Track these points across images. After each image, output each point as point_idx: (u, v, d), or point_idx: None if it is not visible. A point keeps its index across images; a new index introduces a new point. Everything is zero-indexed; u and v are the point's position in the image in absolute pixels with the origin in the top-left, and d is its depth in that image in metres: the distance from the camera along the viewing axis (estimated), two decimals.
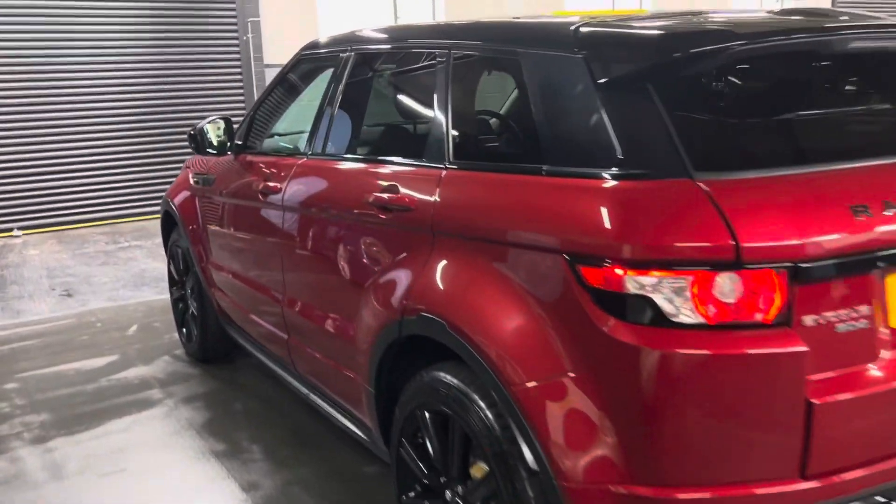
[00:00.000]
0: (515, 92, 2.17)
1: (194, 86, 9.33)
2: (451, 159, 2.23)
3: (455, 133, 2.25)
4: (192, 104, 9.33)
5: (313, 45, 3.31)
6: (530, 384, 1.81)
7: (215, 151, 3.66)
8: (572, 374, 1.76)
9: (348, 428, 2.80)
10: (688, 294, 1.63)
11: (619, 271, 1.66)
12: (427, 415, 2.19)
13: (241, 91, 9.65)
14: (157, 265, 6.89)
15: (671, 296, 1.63)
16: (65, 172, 8.79)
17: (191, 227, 4.12)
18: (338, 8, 10.29)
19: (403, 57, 2.72)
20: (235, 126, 3.71)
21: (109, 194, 9.03)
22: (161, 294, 5.94)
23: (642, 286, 1.65)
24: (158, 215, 9.54)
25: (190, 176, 4.23)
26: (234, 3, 9.45)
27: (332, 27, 10.18)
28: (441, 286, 2.11)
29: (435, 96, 2.35)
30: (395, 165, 2.48)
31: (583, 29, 1.97)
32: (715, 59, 1.81)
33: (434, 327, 2.07)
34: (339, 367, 2.73)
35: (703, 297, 1.62)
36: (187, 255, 4.26)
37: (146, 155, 9.17)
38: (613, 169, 1.76)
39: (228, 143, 3.61)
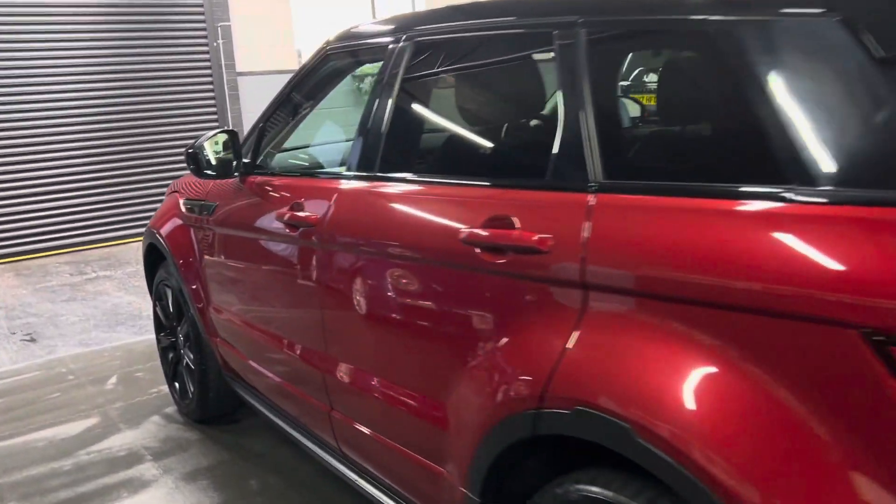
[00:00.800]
0: (707, 79, 1.52)
1: (161, 97, 8.54)
2: (601, 178, 1.56)
3: (604, 141, 1.58)
4: (159, 117, 8.54)
5: (346, 37, 2.62)
6: None
7: (214, 173, 2.94)
8: None
9: None
10: None
11: None
12: None
13: (213, 102, 8.89)
14: (132, 298, 6.13)
15: None
16: (21, 196, 7.93)
17: (185, 264, 3.39)
18: (313, 11, 9.58)
19: (493, 42, 2.04)
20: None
21: (72, 219, 8.19)
22: (140, 335, 5.19)
23: None
24: (126, 240, 8.81)
25: (180, 203, 3.51)
26: (202, 6, 8.68)
27: (308, 31, 9.48)
28: (614, 368, 1.43)
29: (561, 90, 1.68)
30: (500, 188, 1.81)
31: None
32: None
33: (605, 429, 1.40)
34: (414, 458, 2.05)
35: None
36: (180, 296, 3.54)
37: (111, 174, 8.36)
38: None
39: (234, 163, 2.90)
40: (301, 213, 2.44)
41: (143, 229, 8.38)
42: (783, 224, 1.24)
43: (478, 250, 1.74)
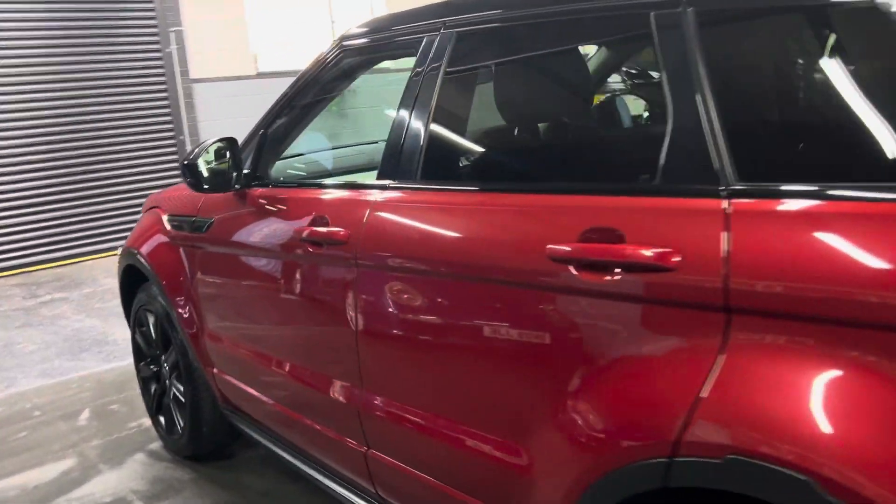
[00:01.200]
0: (867, 59, 1.29)
1: (113, 107, 8.08)
2: (734, 180, 1.33)
3: (736, 137, 1.35)
4: (110, 128, 8.09)
5: (365, 31, 2.35)
6: None
7: (208, 186, 2.62)
8: None
9: None
10: None
11: None
12: None
13: (168, 111, 8.46)
14: (94, 322, 5.72)
15: None
16: None
17: (173, 287, 3.07)
18: (269, 14, 9.22)
19: (565, 27, 1.79)
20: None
21: (20, 238, 7.69)
22: (108, 362, 4.81)
23: None
24: (79, 259, 8.31)
25: (163, 219, 3.18)
26: (153, 11, 8.26)
27: (264, 35, 9.13)
28: (780, 408, 1.20)
29: (668, 79, 1.45)
30: (596, 195, 1.56)
31: None
32: None
33: (774, 483, 1.17)
34: None
35: None
36: (166, 322, 3.20)
37: (61, 190, 7.87)
38: None
39: (234, 174, 2.60)
40: (325, 229, 2.16)
41: (96, 247, 8.01)
42: None
43: (573, 269, 1.49)
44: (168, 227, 3.12)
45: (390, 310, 1.96)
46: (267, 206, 2.50)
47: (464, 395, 1.80)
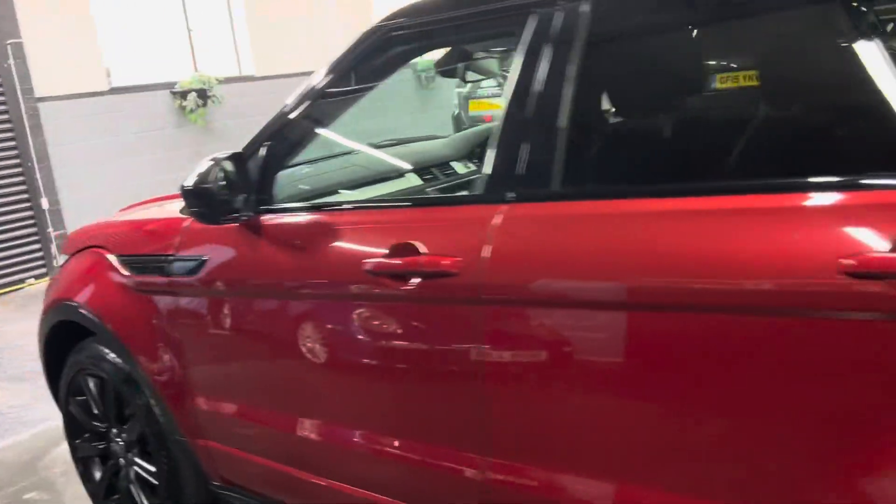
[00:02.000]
0: None
1: None
2: None
3: None
4: None
5: (423, 10, 1.87)
6: None
7: (235, 214, 2.06)
8: None
9: None
10: None
11: None
12: None
13: (12, 134, 7.37)
14: None
15: None
16: None
17: (140, 343, 2.45)
18: (121, 23, 8.30)
19: None
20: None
21: None
22: (1, 438, 3.95)
23: None
24: None
25: (112, 261, 2.54)
26: None
27: (117, 47, 8.22)
28: None
29: None
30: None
31: None
32: None
33: None
34: None
35: None
36: (124, 386, 2.56)
37: None
38: None
39: (243, 198, 2.05)
40: (416, 258, 1.69)
41: None
42: None
43: (876, 286, 1.14)
44: (125, 270, 2.49)
45: (555, 357, 1.52)
46: (297, 236, 1.99)
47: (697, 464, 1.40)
